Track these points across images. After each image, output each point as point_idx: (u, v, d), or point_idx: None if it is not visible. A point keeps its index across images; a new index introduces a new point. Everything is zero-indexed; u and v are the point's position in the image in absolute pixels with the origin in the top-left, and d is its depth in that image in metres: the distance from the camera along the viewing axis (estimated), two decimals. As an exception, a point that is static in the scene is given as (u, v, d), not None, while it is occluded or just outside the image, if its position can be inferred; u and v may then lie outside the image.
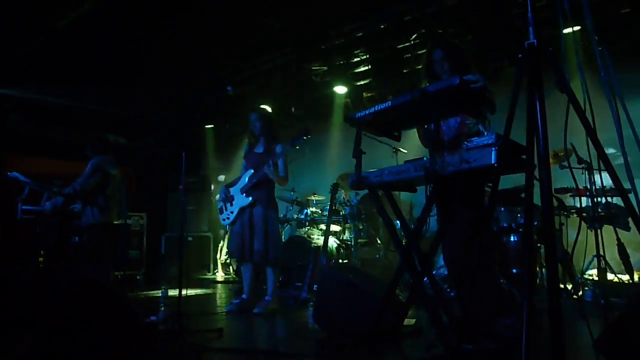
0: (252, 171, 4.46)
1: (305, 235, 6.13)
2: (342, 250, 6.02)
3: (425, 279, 2.62)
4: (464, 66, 2.86)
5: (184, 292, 3.40)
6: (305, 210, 6.46)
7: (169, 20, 5.71)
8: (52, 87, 7.21)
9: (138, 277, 7.04)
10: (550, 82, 1.81)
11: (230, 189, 4.60)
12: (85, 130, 6.41)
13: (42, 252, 5.44)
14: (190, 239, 8.14)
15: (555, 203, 4.44)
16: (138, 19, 5.67)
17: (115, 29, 5.80)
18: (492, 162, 2.13)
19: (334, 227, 6.14)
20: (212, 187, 8.84)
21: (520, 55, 1.68)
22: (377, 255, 5.88)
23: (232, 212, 4.54)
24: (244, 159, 4.68)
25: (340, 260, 5.88)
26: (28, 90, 7.15)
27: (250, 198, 4.40)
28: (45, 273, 5.12)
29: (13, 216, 5.25)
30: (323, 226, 6.17)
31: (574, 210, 4.64)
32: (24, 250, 5.41)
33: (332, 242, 5.91)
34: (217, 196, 4.73)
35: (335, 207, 5.71)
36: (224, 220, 4.65)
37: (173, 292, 3.42)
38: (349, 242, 6.05)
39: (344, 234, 6.26)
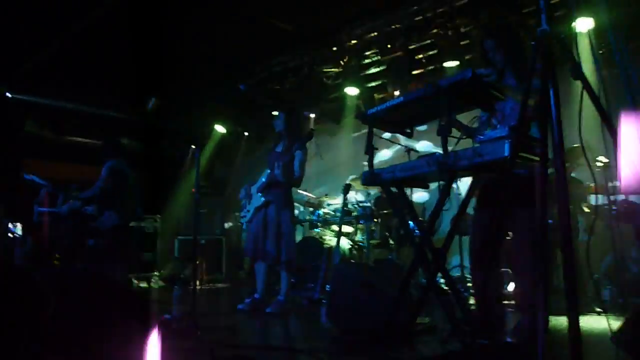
0: (269, 171, 4.47)
1: (318, 237, 6.11)
2: (354, 252, 5.99)
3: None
4: (517, 53, 2.77)
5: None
6: (318, 212, 6.45)
7: (182, 24, 5.75)
8: (67, 93, 7.31)
9: (152, 279, 7.09)
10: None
11: (252, 188, 4.63)
12: (100, 134, 6.49)
13: (57, 254, 5.50)
14: (202, 242, 8.16)
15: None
16: (151, 24, 5.72)
17: (126, 34, 5.85)
18: (505, 154, 2.11)
19: (347, 228, 6.11)
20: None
21: (532, 43, 1.66)
22: (390, 256, 5.84)
23: (248, 211, 4.58)
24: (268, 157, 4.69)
25: (353, 261, 5.85)
26: (44, 96, 7.25)
27: (264, 198, 4.41)
28: (61, 274, 5.17)
29: (29, 218, 5.32)
30: (335, 227, 6.15)
31: (588, 209, 4.56)
32: (39, 251, 5.46)
33: (345, 243, 5.89)
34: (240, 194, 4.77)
35: (347, 207, 5.69)
36: (242, 217, 4.69)
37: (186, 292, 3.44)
38: (362, 243, 6.03)
39: (357, 235, 6.23)
